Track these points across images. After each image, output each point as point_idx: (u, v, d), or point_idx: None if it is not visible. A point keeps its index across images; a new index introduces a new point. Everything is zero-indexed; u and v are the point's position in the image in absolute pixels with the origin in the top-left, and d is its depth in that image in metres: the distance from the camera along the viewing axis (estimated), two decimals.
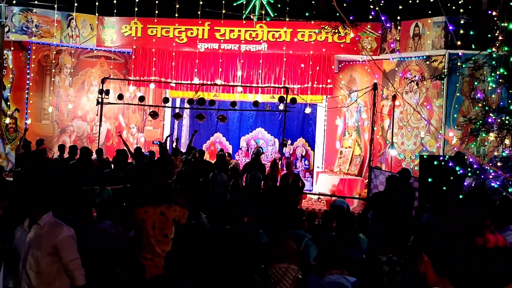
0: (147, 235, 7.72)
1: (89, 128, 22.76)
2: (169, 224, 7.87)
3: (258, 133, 24.05)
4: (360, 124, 21.87)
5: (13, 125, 21.65)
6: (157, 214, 7.79)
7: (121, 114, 23.34)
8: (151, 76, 22.17)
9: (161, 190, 8.15)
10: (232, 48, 21.99)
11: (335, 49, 21.31)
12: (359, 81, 21.91)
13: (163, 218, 7.83)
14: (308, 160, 23.44)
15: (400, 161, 19.86)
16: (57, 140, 21.91)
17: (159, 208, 7.84)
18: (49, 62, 22.08)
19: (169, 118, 23.70)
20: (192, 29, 22.10)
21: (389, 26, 19.63)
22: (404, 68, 19.96)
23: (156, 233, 7.75)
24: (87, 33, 22.40)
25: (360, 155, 21.63)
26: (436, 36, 18.81)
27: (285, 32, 21.50)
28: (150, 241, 7.72)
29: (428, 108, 18.72)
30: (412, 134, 19.56)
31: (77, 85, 22.67)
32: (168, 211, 7.89)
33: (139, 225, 7.69)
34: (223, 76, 22.00)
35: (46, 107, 22.02)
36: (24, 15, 21.51)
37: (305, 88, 21.48)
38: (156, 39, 22.27)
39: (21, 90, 21.72)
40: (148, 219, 7.70)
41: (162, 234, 7.81)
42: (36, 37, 21.68)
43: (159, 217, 7.79)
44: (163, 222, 7.83)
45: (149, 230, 7.73)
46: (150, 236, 7.71)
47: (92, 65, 22.92)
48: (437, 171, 12.94)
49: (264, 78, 21.77)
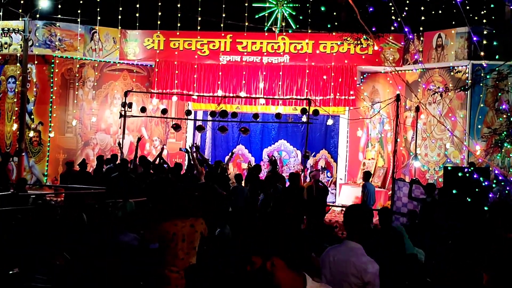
0: (176, 248, 7.69)
1: (112, 140, 22.83)
2: (197, 236, 7.85)
3: (281, 145, 23.99)
4: (383, 135, 21.75)
5: (37, 138, 21.79)
6: (186, 227, 7.76)
7: (144, 127, 23.42)
8: (174, 88, 22.25)
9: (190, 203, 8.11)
10: (254, 60, 22.01)
11: (357, 60, 21.25)
12: (381, 92, 21.82)
13: (192, 230, 7.81)
14: (331, 172, 23.34)
15: (423, 173, 19.72)
16: (80, 153, 22.02)
17: (188, 221, 7.82)
18: (73, 76, 22.22)
19: (192, 130, 23.76)
20: (214, 42, 22.16)
21: (412, 37, 19.55)
22: (427, 79, 19.85)
23: (185, 246, 7.73)
24: (110, 47, 22.54)
25: (383, 167, 21.51)
26: (459, 46, 18.71)
27: (307, 44, 21.48)
28: (178, 254, 7.68)
29: (452, 120, 18.59)
30: (435, 145, 19.42)
31: (100, 98, 22.79)
32: (196, 223, 7.87)
33: (168, 238, 7.67)
34: (245, 88, 22.01)
35: (69, 120, 22.15)
36: (47, 29, 21.69)
37: (327, 99, 21.42)
38: (178, 52, 22.37)
39: (44, 104, 21.87)
40: (178, 232, 7.67)
41: (191, 246, 7.78)
42: (59, 51, 21.84)
43: (188, 229, 7.77)
44: (192, 235, 7.80)
45: (179, 243, 7.70)
46: (178, 249, 7.69)
47: (115, 78, 23.04)
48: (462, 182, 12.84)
49: (286, 90, 21.75)
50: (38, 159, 21.68)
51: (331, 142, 23.72)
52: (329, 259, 5.86)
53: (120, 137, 20.13)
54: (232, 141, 24.26)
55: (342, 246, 5.89)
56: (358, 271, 5.63)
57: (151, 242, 8.21)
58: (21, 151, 20.65)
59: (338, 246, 5.96)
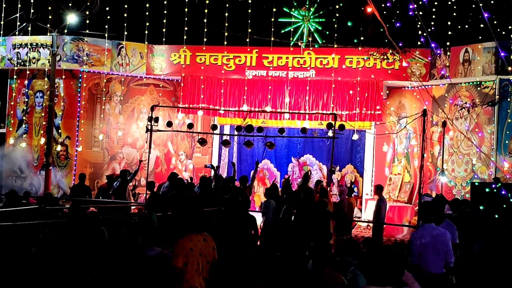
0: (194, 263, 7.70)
1: (138, 155, 22.91)
2: (210, 251, 7.88)
3: (306, 159, 23.94)
4: (410, 150, 21.64)
5: (64, 152, 21.96)
6: (201, 242, 7.79)
7: (170, 141, 23.51)
8: (200, 103, 22.33)
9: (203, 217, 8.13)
10: (280, 75, 22.03)
11: (383, 75, 21.19)
12: (408, 107, 21.73)
13: (206, 244, 7.84)
14: (357, 187, 23.23)
15: (450, 188, 19.57)
16: (107, 167, 22.16)
17: (201, 235, 7.85)
18: (100, 90, 22.39)
19: (217, 145, 23.84)
20: (240, 57, 22.23)
21: (439, 52, 19.46)
22: (454, 94, 19.74)
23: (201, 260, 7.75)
24: (137, 61, 22.69)
25: (410, 182, 21.38)
26: (486, 61, 18.59)
27: (333, 58, 21.46)
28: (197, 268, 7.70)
29: (479, 135, 18.45)
30: (463, 161, 19.27)
31: (127, 112, 22.93)
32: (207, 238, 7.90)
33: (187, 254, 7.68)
34: (270, 103, 22.03)
35: (96, 134, 22.30)
36: (75, 44, 21.89)
37: (353, 114, 21.36)
38: (204, 67, 22.47)
39: (72, 118, 22.06)
40: (195, 247, 7.70)
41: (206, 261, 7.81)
42: (87, 65, 22.03)
43: (202, 244, 7.79)
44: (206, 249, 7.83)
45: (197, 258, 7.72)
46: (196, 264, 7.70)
47: (141, 93, 23.18)
48: (489, 198, 12.72)
49: (312, 104, 21.73)
50: (65, 173, 21.84)
51: (357, 157, 23.64)
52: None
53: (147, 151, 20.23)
54: (257, 156, 24.26)
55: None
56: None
57: (178, 259, 8.18)
58: (49, 165, 20.83)
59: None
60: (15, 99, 22.64)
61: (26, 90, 22.51)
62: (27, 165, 22.26)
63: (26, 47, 22.14)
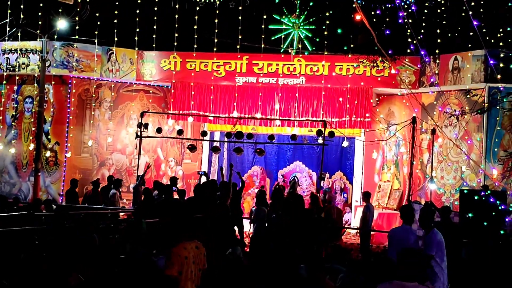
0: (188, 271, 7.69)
1: (128, 161, 22.89)
2: (202, 258, 7.87)
3: (296, 166, 23.95)
4: (399, 157, 21.67)
5: (53, 158, 21.89)
6: (194, 249, 7.77)
7: (159, 147, 23.47)
8: (190, 109, 22.32)
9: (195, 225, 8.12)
10: (270, 82, 22.05)
11: (373, 82, 21.24)
12: (397, 114, 21.77)
13: (198, 252, 7.83)
14: (347, 194, 23.26)
15: (439, 195, 19.61)
16: (96, 173, 22.10)
17: (194, 243, 7.83)
18: (89, 96, 22.35)
19: (207, 151, 23.79)
20: (231, 63, 22.24)
21: (428, 60, 19.52)
22: (443, 101, 19.78)
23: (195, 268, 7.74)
24: (127, 68, 22.68)
25: (399, 189, 21.42)
26: (475, 69, 18.67)
27: (323, 65, 21.50)
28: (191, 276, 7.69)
29: (469, 143, 18.50)
30: (452, 168, 19.32)
31: (117, 118, 22.89)
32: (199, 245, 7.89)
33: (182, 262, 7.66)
34: (260, 110, 22.04)
35: (86, 140, 22.24)
36: (65, 50, 21.87)
37: (343, 121, 21.40)
38: (194, 73, 22.46)
39: (61, 124, 21.99)
40: (189, 255, 7.68)
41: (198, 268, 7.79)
42: (76, 71, 22.00)
43: (195, 251, 7.78)
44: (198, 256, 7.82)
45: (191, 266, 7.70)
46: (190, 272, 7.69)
47: (131, 99, 23.15)
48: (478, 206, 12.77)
49: (302, 111, 21.74)
50: (54, 179, 21.77)
51: (347, 164, 23.70)
52: None
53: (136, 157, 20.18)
54: (247, 162, 24.29)
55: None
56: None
57: (173, 268, 8.15)
58: (38, 170, 20.78)
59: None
60: (4, 104, 22.54)
61: (16, 95, 22.41)
62: (15, 171, 22.20)
63: (16, 52, 22.13)
